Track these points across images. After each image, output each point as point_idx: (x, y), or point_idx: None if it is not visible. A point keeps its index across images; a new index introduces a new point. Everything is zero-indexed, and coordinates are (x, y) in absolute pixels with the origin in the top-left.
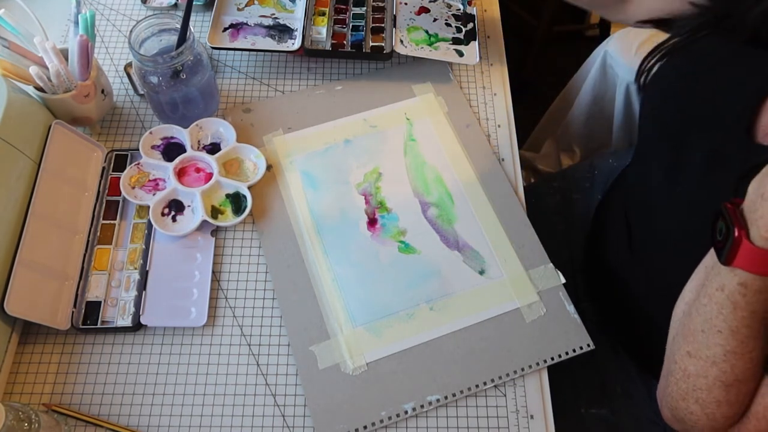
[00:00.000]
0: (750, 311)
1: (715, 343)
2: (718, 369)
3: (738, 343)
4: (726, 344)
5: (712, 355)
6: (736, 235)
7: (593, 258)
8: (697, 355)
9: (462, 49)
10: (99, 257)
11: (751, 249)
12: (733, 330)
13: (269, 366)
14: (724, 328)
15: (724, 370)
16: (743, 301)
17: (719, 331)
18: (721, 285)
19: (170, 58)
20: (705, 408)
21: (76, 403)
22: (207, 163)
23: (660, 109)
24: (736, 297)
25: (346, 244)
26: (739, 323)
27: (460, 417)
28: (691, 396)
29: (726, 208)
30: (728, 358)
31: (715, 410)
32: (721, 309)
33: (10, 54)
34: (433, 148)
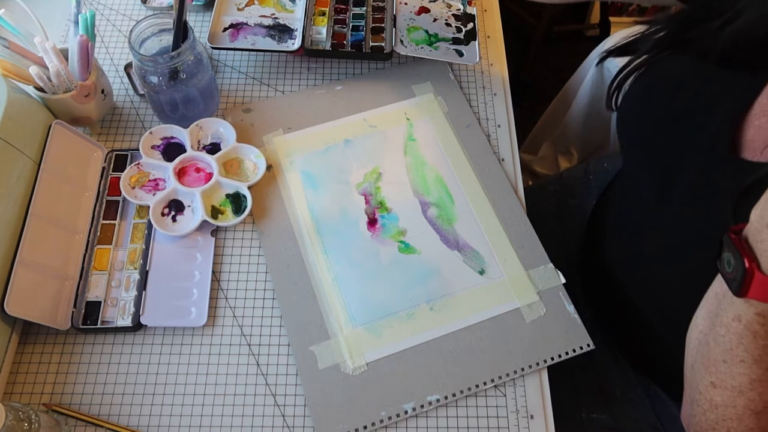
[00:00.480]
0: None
1: (739, 372)
2: (746, 398)
3: (763, 371)
4: (751, 373)
5: (738, 384)
6: (747, 267)
7: (589, 262)
8: (722, 385)
9: (462, 49)
10: (99, 257)
11: (765, 280)
12: (756, 359)
13: (269, 366)
14: (747, 358)
15: (752, 398)
16: (763, 330)
17: (742, 360)
18: (737, 315)
19: (170, 58)
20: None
21: (76, 403)
22: (207, 163)
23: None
24: (755, 327)
25: (346, 244)
26: (761, 351)
27: (460, 417)
28: (721, 426)
29: (730, 239)
30: (755, 386)
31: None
32: (741, 339)
33: (10, 54)
34: (433, 148)
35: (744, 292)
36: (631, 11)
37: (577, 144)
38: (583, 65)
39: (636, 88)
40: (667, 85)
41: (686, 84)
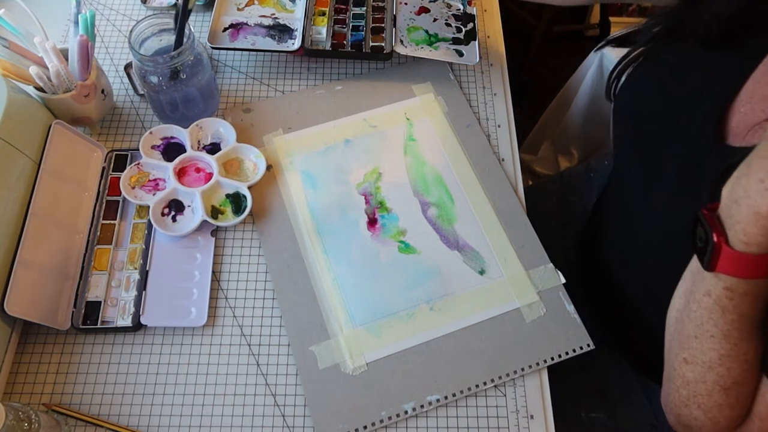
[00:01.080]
0: (738, 314)
1: (709, 348)
2: (716, 373)
3: (731, 347)
4: (720, 348)
5: (708, 360)
6: (715, 241)
7: (588, 261)
8: (694, 361)
9: (462, 49)
10: (99, 257)
11: (732, 254)
12: (725, 334)
13: (269, 366)
14: (716, 333)
15: (721, 374)
16: (731, 304)
17: (711, 336)
18: (708, 290)
19: (170, 58)
20: (708, 413)
21: (76, 403)
22: (207, 163)
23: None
24: (723, 301)
25: (346, 244)
26: (729, 326)
27: (460, 417)
28: (692, 402)
29: (703, 215)
30: (723, 361)
31: (718, 414)
32: (711, 314)
33: (10, 54)
34: (433, 148)
35: (713, 266)
36: (631, 11)
37: (577, 143)
38: (583, 65)
39: (631, 79)
40: (660, 75)
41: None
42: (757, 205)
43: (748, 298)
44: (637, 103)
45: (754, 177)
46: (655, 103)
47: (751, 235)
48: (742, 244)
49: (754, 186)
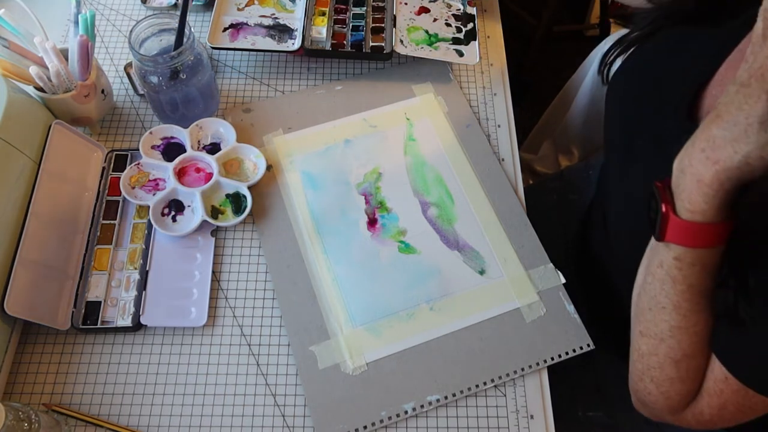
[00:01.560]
0: (687, 285)
1: (661, 319)
2: (666, 345)
3: (681, 318)
4: (670, 319)
5: (660, 331)
6: (663, 211)
7: (584, 258)
8: (648, 333)
9: (462, 49)
10: (99, 257)
11: (678, 222)
12: (675, 305)
13: (269, 366)
14: (667, 304)
15: (672, 345)
16: (680, 275)
17: (663, 307)
18: (660, 261)
19: (170, 58)
20: (659, 386)
21: (76, 403)
22: (207, 163)
23: (617, 103)
24: (673, 272)
25: (346, 244)
26: (679, 297)
27: (460, 417)
28: (646, 375)
29: (656, 187)
30: (674, 333)
31: (669, 388)
32: (663, 285)
33: (10, 54)
34: (433, 148)
35: (662, 235)
36: None
37: (578, 143)
38: (584, 65)
39: (624, 64)
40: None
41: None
42: (699, 173)
43: (695, 268)
44: (626, 87)
45: (697, 147)
46: (641, 86)
47: (695, 203)
48: (687, 213)
49: (697, 155)
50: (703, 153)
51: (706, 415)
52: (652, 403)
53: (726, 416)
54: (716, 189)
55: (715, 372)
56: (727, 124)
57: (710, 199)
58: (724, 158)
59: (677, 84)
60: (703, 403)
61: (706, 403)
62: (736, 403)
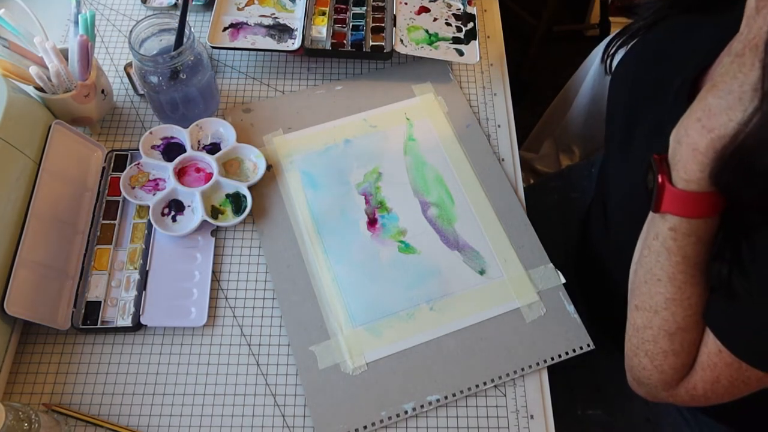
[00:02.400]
0: (682, 256)
1: (656, 291)
2: (661, 318)
3: (676, 290)
4: (665, 292)
5: (654, 304)
6: (659, 182)
7: (584, 256)
8: (643, 306)
9: (462, 49)
10: (99, 257)
11: (674, 192)
12: (670, 277)
13: (269, 366)
14: (662, 276)
15: (666, 318)
16: (675, 245)
17: (658, 279)
18: (656, 233)
19: (170, 58)
20: (654, 360)
21: (76, 403)
22: (207, 163)
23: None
24: (668, 243)
25: (346, 244)
26: (674, 269)
27: (460, 417)
28: (641, 349)
29: (653, 159)
30: (668, 305)
31: (663, 361)
32: (658, 257)
33: (10, 54)
34: (433, 148)
35: (658, 206)
36: None
37: (579, 142)
38: (585, 64)
39: (628, 53)
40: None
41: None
42: (695, 142)
43: (691, 239)
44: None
45: (693, 117)
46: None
47: (691, 171)
48: (683, 182)
49: (693, 125)
50: (699, 122)
51: (700, 390)
52: (646, 378)
53: (719, 390)
54: (711, 157)
55: (709, 345)
56: (721, 92)
57: (706, 168)
58: (718, 126)
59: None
60: (696, 377)
61: (700, 377)
62: (730, 377)
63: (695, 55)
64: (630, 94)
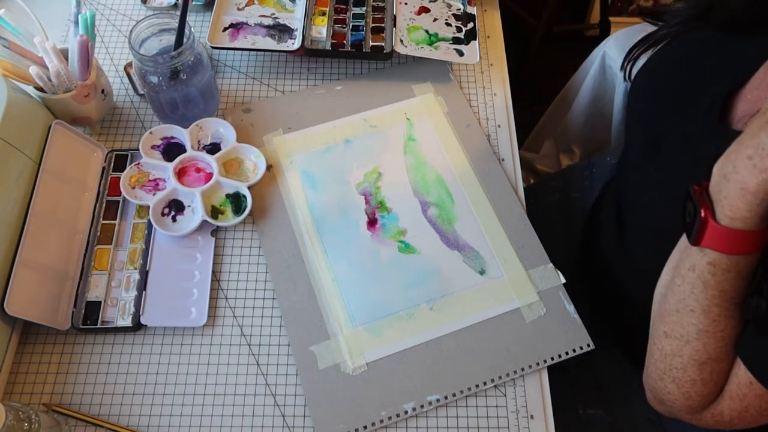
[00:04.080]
0: (720, 290)
1: (688, 322)
2: (692, 348)
3: (710, 322)
4: (698, 323)
5: (686, 334)
6: (702, 216)
7: (588, 257)
8: (673, 334)
9: (462, 49)
10: (99, 257)
11: (717, 228)
12: (705, 309)
13: (269, 366)
14: (696, 308)
15: (697, 348)
16: (713, 280)
17: (692, 310)
18: (692, 265)
19: (170, 58)
20: (681, 387)
21: (76, 403)
22: (207, 163)
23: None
24: (706, 276)
25: (346, 244)
26: (710, 302)
27: (460, 417)
28: (667, 375)
29: (693, 190)
30: (701, 336)
31: (690, 389)
32: (693, 288)
33: (10, 54)
34: (433, 148)
35: (698, 240)
36: (631, 11)
37: (579, 142)
38: (585, 64)
39: (653, 59)
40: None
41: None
42: (744, 181)
43: (730, 274)
44: (652, 83)
45: (743, 153)
46: (669, 82)
47: (737, 210)
48: (727, 219)
49: (743, 162)
50: (751, 160)
51: (726, 417)
52: (671, 402)
53: (746, 419)
54: (762, 198)
55: (740, 376)
56: None
57: (754, 207)
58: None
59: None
60: (723, 405)
61: (727, 405)
62: (758, 408)
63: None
64: (653, 102)
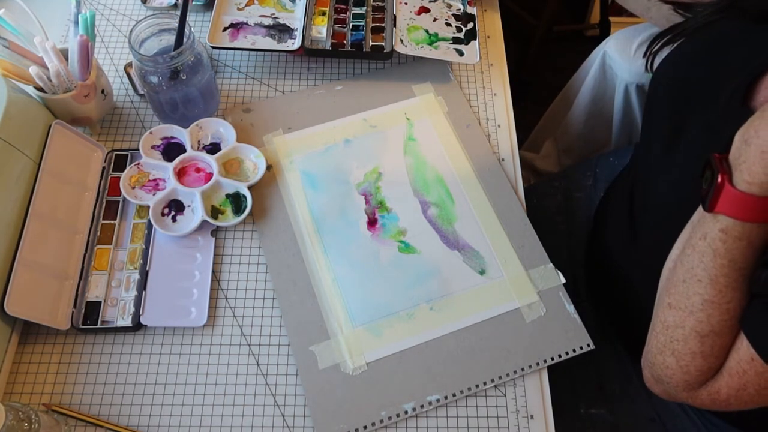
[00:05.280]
0: (729, 259)
1: (694, 292)
2: (695, 319)
3: (716, 292)
4: (704, 293)
5: (691, 304)
6: (719, 181)
7: (594, 255)
8: (677, 305)
9: (462, 49)
10: (99, 257)
11: (733, 193)
12: (712, 278)
13: (269, 366)
14: (704, 277)
15: (701, 319)
16: (723, 248)
17: (699, 280)
18: (704, 233)
19: (170, 58)
20: (680, 360)
21: (76, 403)
22: (207, 163)
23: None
24: (716, 244)
25: (346, 244)
26: (718, 272)
27: (460, 417)
28: (668, 348)
29: (713, 158)
30: (705, 307)
31: (690, 362)
32: (702, 257)
33: (10, 54)
34: (433, 148)
35: (712, 205)
36: None
37: (580, 142)
38: (585, 64)
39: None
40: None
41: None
42: (765, 144)
43: (741, 243)
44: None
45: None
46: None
47: (755, 174)
48: (744, 184)
49: (766, 127)
50: None
51: (723, 395)
52: (668, 377)
53: (744, 398)
54: None
55: (741, 352)
56: None
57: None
58: None
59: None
60: (722, 382)
61: (726, 382)
62: (758, 386)
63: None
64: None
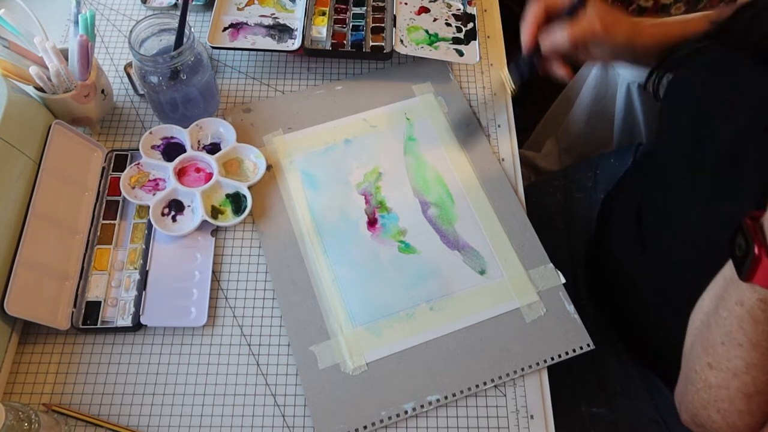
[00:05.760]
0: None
1: (735, 355)
2: (740, 381)
3: (759, 356)
4: (747, 357)
5: (734, 367)
6: (756, 253)
7: (596, 255)
8: (718, 367)
9: (462, 49)
10: (99, 257)
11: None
12: (754, 344)
13: (269, 366)
14: (745, 342)
15: (746, 381)
16: (763, 316)
17: (740, 344)
18: (741, 300)
19: (170, 58)
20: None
21: (76, 403)
22: (207, 163)
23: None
24: (756, 312)
25: (346, 244)
26: (759, 337)
27: (460, 417)
28: (712, 406)
29: (746, 224)
30: (749, 370)
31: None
32: (741, 323)
33: (10, 54)
34: (433, 148)
35: (750, 276)
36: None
37: (581, 141)
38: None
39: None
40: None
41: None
42: None
43: None
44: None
45: None
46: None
47: None
48: None
49: None
50: None
51: None
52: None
53: None
54: None
55: None
56: None
57: None
58: None
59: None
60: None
61: None
62: None
63: None
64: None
